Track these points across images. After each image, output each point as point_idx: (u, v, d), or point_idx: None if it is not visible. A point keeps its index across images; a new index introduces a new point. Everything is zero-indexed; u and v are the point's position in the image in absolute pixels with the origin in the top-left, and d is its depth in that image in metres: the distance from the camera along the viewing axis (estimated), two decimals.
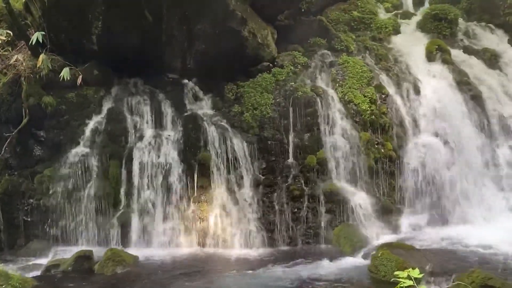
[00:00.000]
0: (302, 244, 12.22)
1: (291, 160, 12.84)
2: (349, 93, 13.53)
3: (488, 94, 14.43)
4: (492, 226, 12.24)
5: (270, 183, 12.62)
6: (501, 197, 13.15)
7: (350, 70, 14.06)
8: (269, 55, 14.16)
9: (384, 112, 13.49)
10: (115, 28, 12.75)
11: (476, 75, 14.90)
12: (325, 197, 12.42)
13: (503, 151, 13.79)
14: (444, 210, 12.87)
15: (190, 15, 12.88)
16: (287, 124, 13.08)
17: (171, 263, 11.19)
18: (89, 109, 13.19)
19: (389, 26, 16.63)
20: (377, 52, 15.27)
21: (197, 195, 12.33)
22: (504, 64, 15.67)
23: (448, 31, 16.56)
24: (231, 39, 13.23)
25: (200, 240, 12.12)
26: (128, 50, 12.85)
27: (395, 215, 12.78)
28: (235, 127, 13.09)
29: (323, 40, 15.21)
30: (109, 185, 12.39)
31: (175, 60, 13.64)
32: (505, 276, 8.97)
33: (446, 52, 15.27)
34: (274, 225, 12.27)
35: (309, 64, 14.45)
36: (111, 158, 12.58)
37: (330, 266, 10.63)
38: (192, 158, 12.53)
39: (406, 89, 14.17)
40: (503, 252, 10.66)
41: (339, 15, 16.43)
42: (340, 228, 12.07)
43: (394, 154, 13.14)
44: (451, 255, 10.72)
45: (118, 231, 12.12)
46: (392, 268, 9.30)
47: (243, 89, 13.51)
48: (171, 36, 13.15)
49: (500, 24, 17.30)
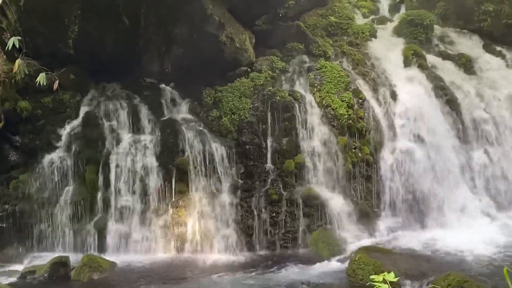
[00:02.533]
0: (281, 249, 12.22)
1: (269, 165, 12.86)
2: (326, 98, 13.61)
3: (463, 99, 14.65)
4: (468, 230, 12.40)
5: (249, 188, 12.61)
6: (476, 200, 13.34)
7: (328, 75, 14.14)
8: (247, 60, 14.19)
9: (361, 117, 13.59)
10: (92, 33, 12.66)
11: (451, 80, 15.12)
12: (303, 202, 12.45)
13: (478, 155, 13.99)
14: (421, 214, 13.01)
15: (168, 19, 12.86)
16: (265, 129, 13.10)
17: (149, 269, 11.10)
18: (65, 114, 13.05)
19: (366, 31, 16.81)
20: (354, 57, 15.40)
21: (175, 200, 12.26)
22: (479, 69, 15.93)
23: (424, 36, 16.82)
24: (208, 44, 13.23)
25: (178, 245, 12.04)
26: (105, 54, 12.78)
27: (373, 219, 12.87)
28: (213, 131, 13.06)
29: (300, 45, 15.30)
30: (85, 190, 12.26)
31: (153, 64, 13.59)
32: (480, 278, 9.08)
33: (422, 57, 15.49)
34: (252, 230, 12.26)
35: (287, 69, 14.53)
36: (88, 163, 12.45)
37: (308, 270, 10.67)
38: (170, 163, 12.46)
39: (382, 94, 14.31)
40: (478, 255, 10.83)
41: (316, 20, 16.57)
42: (318, 232, 12.11)
43: (371, 158, 13.24)
44: (427, 258, 10.84)
45: (95, 237, 11.98)
46: (370, 271, 9.37)
47: (221, 93, 13.49)
48: (148, 40, 13.10)
49: (475, 29, 17.60)
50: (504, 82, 15.65)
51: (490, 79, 15.62)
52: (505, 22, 17.08)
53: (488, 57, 16.62)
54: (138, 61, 13.35)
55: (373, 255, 10.09)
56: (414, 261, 10.38)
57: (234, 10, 14.01)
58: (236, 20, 14.13)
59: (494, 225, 12.82)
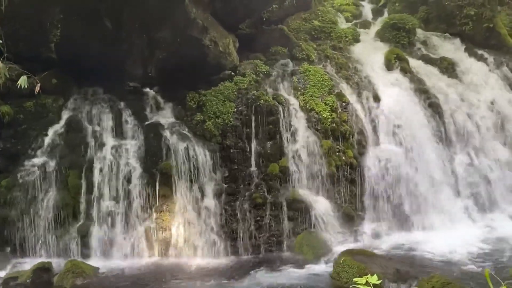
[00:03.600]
0: (265, 252, 12.20)
1: (253, 168, 12.86)
2: (310, 102, 13.65)
3: (446, 103, 14.77)
4: (451, 232, 12.50)
5: (233, 192, 12.59)
6: (459, 203, 13.46)
7: (311, 79, 14.21)
8: (230, 64, 14.19)
9: (345, 120, 13.66)
10: (74, 37, 12.55)
11: (433, 84, 15.25)
12: (288, 205, 12.46)
13: (460, 158, 14.11)
14: (404, 217, 13.08)
15: (151, 23, 12.81)
16: (249, 133, 13.11)
17: (133, 274, 11.02)
18: (48, 119, 12.95)
19: (349, 35, 16.92)
20: (338, 60, 15.49)
21: (159, 205, 12.19)
22: (460, 72, 16.09)
23: (406, 40, 16.96)
24: (192, 48, 13.20)
25: (162, 250, 11.98)
26: (87, 58, 12.65)
27: (357, 222, 12.92)
28: (197, 135, 13.03)
29: (284, 49, 15.35)
30: (68, 195, 12.14)
31: (136, 68, 13.52)
32: (463, 280, 9.15)
33: (404, 61, 15.60)
34: (236, 234, 12.23)
35: (270, 73, 14.56)
36: (71, 168, 12.34)
37: (292, 274, 10.66)
38: (154, 167, 12.40)
39: (366, 98, 14.39)
40: (461, 257, 10.93)
41: (300, 24, 16.64)
42: (302, 236, 12.12)
43: (355, 162, 13.30)
44: (411, 261, 10.91)
45: (78, 242, 11.86)
46: (354, 274, 9.38)
47: (205, 97, 13.47)
48: (131, 44, 13.04)
49: (457, 33, 17.78)
50: (485, 85, 15.83)
51: (472, 83, 15.79)
52: (486, 26, 17.30)
53: (470, 60, 16.79)
54: (121, 65, 13.27)
55: (358, 258, 10.10)
56: (398, 264, 10.41)
57: (217, 14, 14.00)
58: (220, 24, 14.12)
59: (477, 227, 12.96)
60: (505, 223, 13.17)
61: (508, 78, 16.45)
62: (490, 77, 16.26)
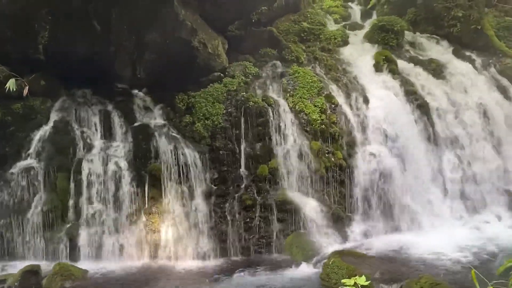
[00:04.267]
0: (255, 254, 12.21)
1: (243, 170, 12.87)
2: (299, 103, 13.67)
3: (434, 104, 14.84)
4: (439, 233, 12.57)
5: (222, 193, 12.59)
6: (447, 204, 13.55)
7: (301, 80, 14.23)
8: (220, 65, 14.18)
9: (334, 122, 13.69)
10: (63, 38, 12.49)
11: (422, 85, 15.32)
12: (277, 207, 12.47)
13: (448, 158, 14.18)
14: (394, 218, 13.13)
15: (139, 25, 12.78)
16: (238, 134, 13.11)
17: (122, 276, 10.99)
18: (36, 120, 12.87)
19: (338, 37, 16.96)
20: (327, 62, 15.53)
21: (148, 207, 12.16)
22: (449, 74, 16.16)
23: (395, 42, 17.02)
24: (181, 49, 13.18)
25: (151, 252, 11.94)
26: (76, 60, 12.60)
27: (346, 223, 12.95)
28: (187, 137, 13.02)
29: (273, 50, 15.37)
30: (57, 197, 12.08)
31: (125, 70, 13.48)
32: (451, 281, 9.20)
33: (393, 63, 15.66)
34: (226, 236, 12.22)
35: (260, 74, 14.58)
36: (59, 170, 12.27)
37: (282, 275, 10.68)
38: (143, 169, 12.37)
39: (355, 99, 14.43)
40: (449, 257, 10.99)
41: (289, 26, 16.66)
42: (292, 237, 12.13)
43: (344, 163, 13.33)
44: (400, 262, 10.95)
45: (66, 245, 11.80)
46: (343, 275, 9.40)
47: (194, 99, 13.45)
48: (120, 46, 13.00)
49: (445, 35, 17.87)
50: (473, 86, 15.92)
51: (460, 84, 15.86)
52: (474, 28, 17.40)
53: (458, 62, 16.87)
54: (110, 67, 13.22)
55: (347, 259, 10.15)
56: (387, 265, 10.47)
57: (206, 15, 13.99)
58: (209, 25, 14.11)
59: (465, 228, 13.04)
60: (493, 223, 13.28)
61: (495, 79, 16.55)
62: (478, 78, 16.35)
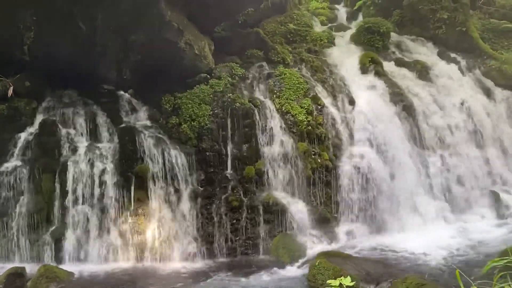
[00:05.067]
0: (241, 255, 12.19)
1: (229, 171, 12.85)
2: (286, 104, 13.69)
3: (420, 105, 14.94)
4: (425, 233, 12.63)
5: (209, 195, 12.55)
6: (433, 205, 13.60)
7: (287, 82, 14.25)
8: (206, 67, 14.16)
9: (320, 123, 13.73)
10: (48, 39, 12.39)
11: (407, 87, 15.41)
12: (264, 208, 12.46)
13: (433, 160, 14.28)
14: (380, 218, 13.18)
15: (125, 25, 12.71)
16: (225, 135, 13.09)
17: (108, 279, 10.92)
18: (21, 122, 12.74)
19: (324, 38, 17.03)
20: (313, 64, 15.57)
21: (134, 208, 12.09)
22: (434, 75, 16.28)
23: (381, 43, 17.11)
24: (167, 50, 13.14)
25: (137, 254, 11.87)
26: (61, 60, 12.50)
27: (332, 224, 12.99)
28: (173, 138, 12.97)
29: (260, 51, 15.38)
30: (42, 199, 11.98)
31: (110, 71, 13.40)
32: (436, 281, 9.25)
33: (379, 64, 15.75)
34: (213, 237, 12.19)
35: (246, 76, 14.58)
36: (44, 172, 12.16)
37: (269, 277, 10.69)
38: (129, 170, 12.29)
39: (341, 100, 14.49)
40: (434, 258, 11.07)
41: (275, 27, 16.69)
42: (278, 238, 12.14)
43: (331, 164, 13.36)
44: (386, 262, 11.00)
45: (52, 247, 11.69)
46: (330, 276, 9.38)
47: (181, 100, 13.41)
48: (105, 46, 12.93)
49: (430, 37, 18.02)
50: (458, 88, 16.06)
51: (445, 86, 15.98)
52: (459, 30, 17.54)
53: (443, 64, 17.00)
54: (95, 68, 13.14)
55: (333, 260, 10.15)
56: (373, 265, 10.50)
57: (193, 16, 13.95)
58: (195, 26, 14.08)
59: (450, 228, 13.10)
60: (478, 224, 13.38)
61: (480, 81, 16.71)
62: (463, 80, 16.50)
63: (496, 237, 12.19)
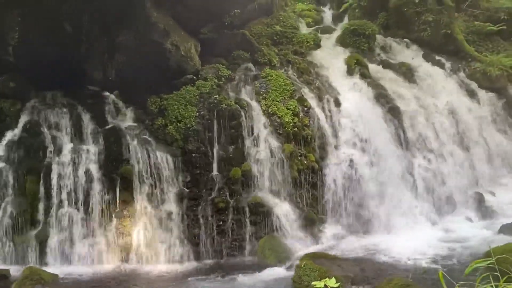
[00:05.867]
0: (227, 257, 12.18)
1: (215, 173, 12.83)
2: (272, 106, 13.70)
3: (405, 107, 15.00)
4: (410, 234, 12.66)
5: (195, 196, 12.53)
6: (418, 206, 13.65)
7: (273, 83, 14.26)
8: (192, 68, 14.13)
9: (307, 125, 13.75)
10: (33, 40, 12.32)
11: (393, 89, 15.47)
12: (250, 209, 12.47)
13: (418, 161, 14.35)
14: (364, 220, 13.22)
15: (111, 27, 12.69)
16: (211, 137, 13.07)
17: (93, 281, 10.87)
18: (5, 123, 12.64)
19: (310, 40, 17.05)
20: (299, 65, 15.60)
21: (119, 210, 12.05)
22: (419, 77, 16.39)
23: (366, 46, 17.19)
24: (153, 51, 13.11)
25: (123, 256, 11.83)
26: (46, 61, 12.43)
27: (318, 225, 13.01)
28: (159, 140, 12.94)
29: (246, 53, 15.37)
30: (26, 201, 11.89)
31: (96, 72, 13.35)
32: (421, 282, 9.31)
33: (364, 66, 15.83)
34: (199, 239, 12.18)
35: (233, 77, 14.56)
36: (28, 174, 12.08)
37: (254, 278, 10.68)
38: (114, 172, 12.25)
39: (327, 102, 14.51)
40: (419, 259, 11.14)
41: (262, 29, 16.69)
42: (264, 240, 12.13)
43: (317, 166, 13.39)
44: (372, 263, 11.05)
45: (36, 249, 11.62)
46: (315, 278, 9.41)
47: (167, 101, 13.37)
48: (91, 47, 12.89)
49: (415, 39, 18.12)
50: (443, 90, 16.17)
51: (430, 88, 16.09)
52: (444, 32, 17.66)
53: (428, 66, 17.12)
54: (81, 69, 13.09)
55: (319, 261, 10.18)
56: (359, 266, 10.55)
57: (179, 18, 13.94)
58: (181, 28, 14.06)
59: (435, 229, 13.16)
60: (462, 225, 13.44)
61: (464, 83, 16.85)
62: (447, 82, 16.61)
63: (480, 238, 12.26)
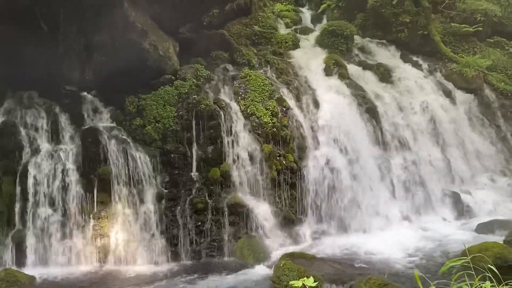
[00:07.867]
0: (206, 258, 12.14)
1: (194, 173, 12.80)
2: (251, 106, 13.71)
3: (382, 107, 15.16)
4: (388, 234, 12.79)
5: (173, 197, 12.48)
6: (395, 206, 13.79)
7: (252, 84, 14.27)
8: (171, 68, 14.07)
9: (285, 125, 13.78)
10: (8, 39, 12.14)
11: (371, 89, 15.61)
12: (229, 210, 12.46)
13: (396, 161, 14.49)
14: (344, 220, 13.28)
15: (88, 26, 12.56)
16: (190, 137, 13.04)
17: (70, 282, 10.78)
18: None
19: (289, 41, 17.13)
20: (278, 66, 15.63)
21: (97, 211, 11.96)
22: (396, 78, 16.55)
23: (345, 46, 17.33)
24: (131, 51, 13.02)
25: (100, 257, 11.74)
26: (22, 61, 12.28)
27: (297, 225, 13.05)
28: (137, 140, 12.86)
29: (225, 53, 15.38)
30: (2, 202, 11.73)
31: (73, 72, 13.19)
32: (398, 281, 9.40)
33: (342, 67, 15.93)
34: (177, 239, 12.13)
35: (211, 77, 14.53)
36: (4, 175, 11.94)
37: (233, 279, 10.67)
38: (92, 173, 12.15)
39: (306, 102, 14.59)
40: (396, 258, 11.22)
41: (240, 29, 16.71)
42: (243, 240, 12.14)
43: (295, 166, 13.43)
44: (350, 263, 11.10)
45: (12, 251, 11.47)
46: (294, 277, 9.42)
47: (145, 101, 13.30)
48: (68, 47, 12.75)
49: (393, 40, 18.32)
50: (420, 90, 16.35)
51: (407, 88, 16.26)
52: (421, 33, 17.88)
53: (405, 66, 17.30)
54: (57, 69, 12.92)
55: (298, 261, 10.20)
56: (337, 266, 10.61)
57: (157, 17, 13.87)
58: (160, 27, 14.00)
59: (412, 229, 13.29)
60: (439, 224, 13.59)
61: (441, 83, 17.04)
62: (424, 83, 16.79)
63: (457, 237, 12.41)
